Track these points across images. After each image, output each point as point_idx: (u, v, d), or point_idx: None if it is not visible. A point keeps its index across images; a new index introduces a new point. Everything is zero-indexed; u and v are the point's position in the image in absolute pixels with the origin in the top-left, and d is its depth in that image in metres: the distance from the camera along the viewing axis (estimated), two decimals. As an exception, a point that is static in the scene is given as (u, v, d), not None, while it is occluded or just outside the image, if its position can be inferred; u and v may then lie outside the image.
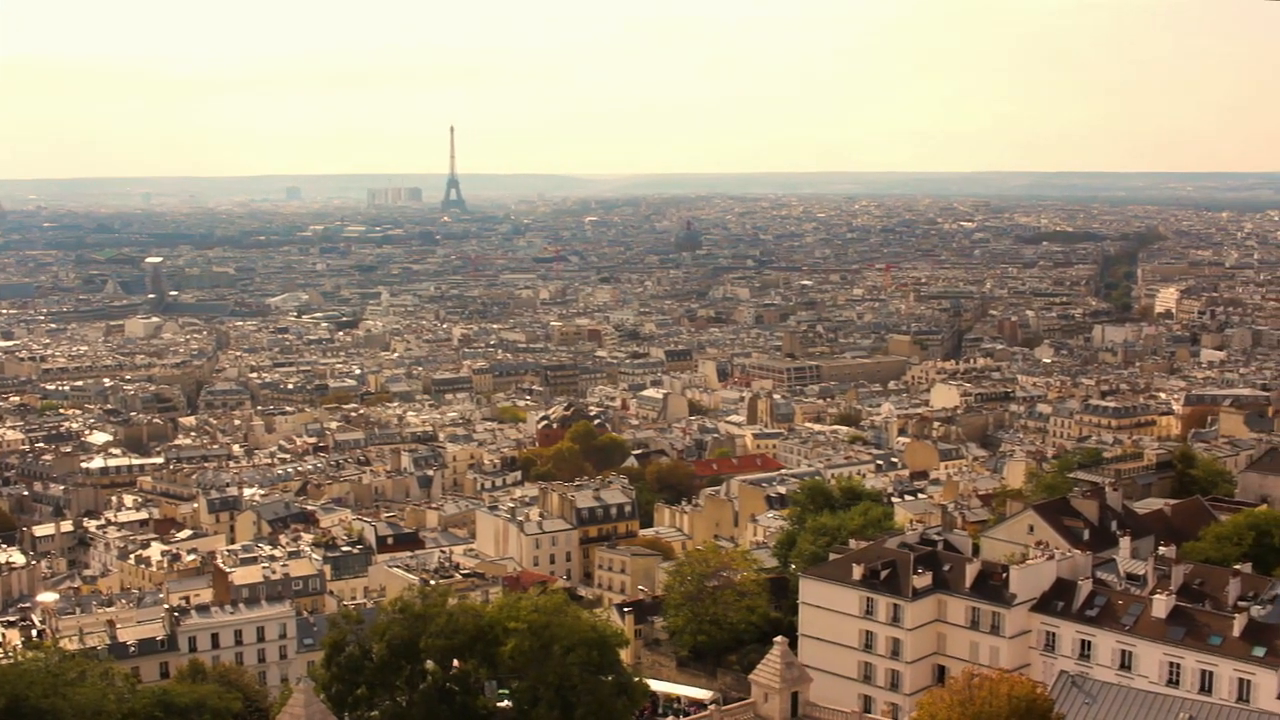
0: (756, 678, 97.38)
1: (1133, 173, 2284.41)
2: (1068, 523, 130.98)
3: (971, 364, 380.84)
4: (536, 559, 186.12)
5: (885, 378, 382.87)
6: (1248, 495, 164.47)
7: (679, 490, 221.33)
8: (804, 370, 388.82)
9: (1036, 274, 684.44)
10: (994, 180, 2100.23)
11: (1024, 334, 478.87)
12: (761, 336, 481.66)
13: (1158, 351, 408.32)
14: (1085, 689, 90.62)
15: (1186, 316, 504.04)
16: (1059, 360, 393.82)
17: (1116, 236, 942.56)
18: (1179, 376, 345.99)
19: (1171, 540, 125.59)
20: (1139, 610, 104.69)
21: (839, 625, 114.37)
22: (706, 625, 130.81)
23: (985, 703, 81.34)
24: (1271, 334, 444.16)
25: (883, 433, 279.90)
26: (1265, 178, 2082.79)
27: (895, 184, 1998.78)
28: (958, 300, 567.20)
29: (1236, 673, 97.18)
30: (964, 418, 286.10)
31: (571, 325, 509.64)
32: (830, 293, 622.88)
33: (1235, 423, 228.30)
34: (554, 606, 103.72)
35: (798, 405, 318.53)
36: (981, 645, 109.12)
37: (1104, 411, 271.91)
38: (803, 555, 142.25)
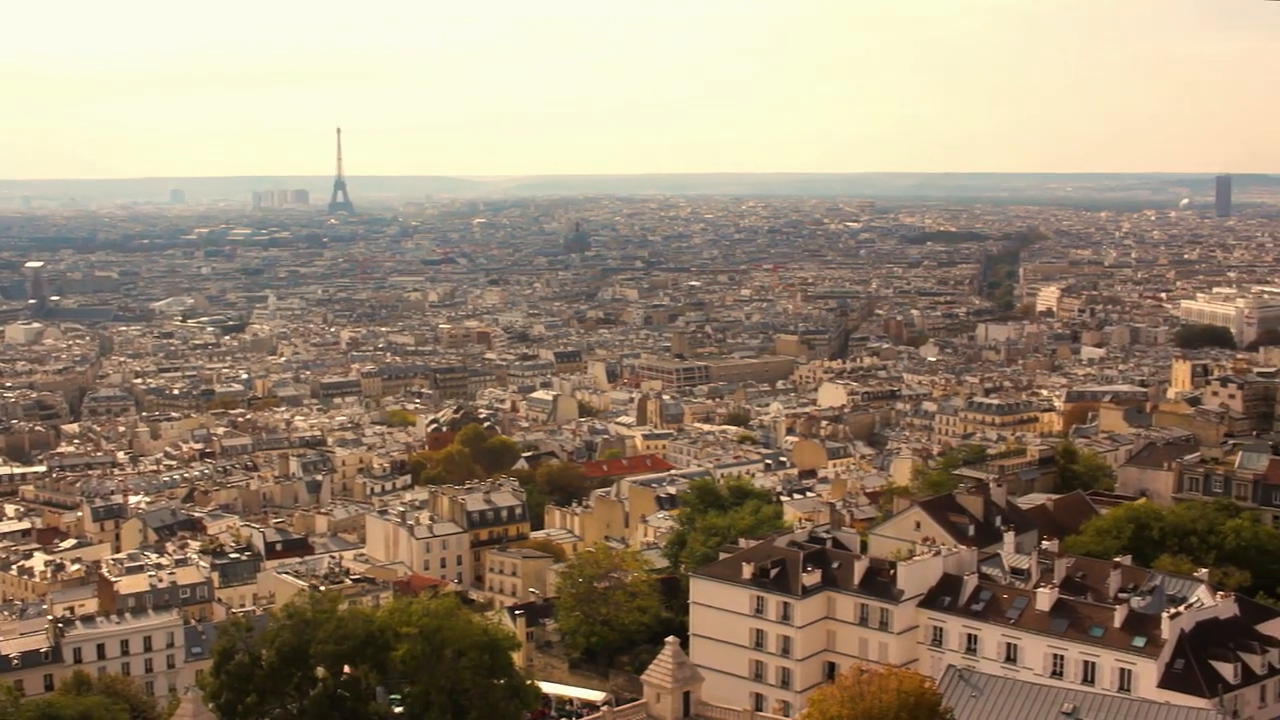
0: (649, 678, 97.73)
1: (1014, 173, 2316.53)
2: (953, 519, 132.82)
3: (858, 363, 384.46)
4: (427, 563, 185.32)
5: (773, 377, 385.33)
6: (1127, 489, 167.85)
7: (569, 492, 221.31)
8: (693, 371, 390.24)
9: (921, 273, 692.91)
10: (879, 181, 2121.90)
11: (909, 333, 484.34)
12: (650, 337, 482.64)
13: (1039, 349, 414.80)
14: (972, 682, 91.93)
15: (1067, 314, 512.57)
16: (944, 359, 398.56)
17: (999, 236, 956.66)
18: (1060, 374, 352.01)
19: (1054, 534, 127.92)
20: (1023, 604, 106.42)
21: (730, 624, 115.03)
22: (598, 626, 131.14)
23: (875, 698, 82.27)
24: (1149, 331, 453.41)
25: (771, 432, 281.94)
26: (1142, 178, 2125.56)
27: (782, 185, 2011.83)
28: (844, 300, 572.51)
29: (1118, 663, 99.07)
30: (851, 416, 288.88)
31: (460, 328, 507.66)
32: (718, 293, 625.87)
33: (1115, 418, 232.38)
34: (445, 610, 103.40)
35: (687, 406, 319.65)
36: (870, 641, 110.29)
37: (988, 409, 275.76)
38: (693, 555, 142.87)
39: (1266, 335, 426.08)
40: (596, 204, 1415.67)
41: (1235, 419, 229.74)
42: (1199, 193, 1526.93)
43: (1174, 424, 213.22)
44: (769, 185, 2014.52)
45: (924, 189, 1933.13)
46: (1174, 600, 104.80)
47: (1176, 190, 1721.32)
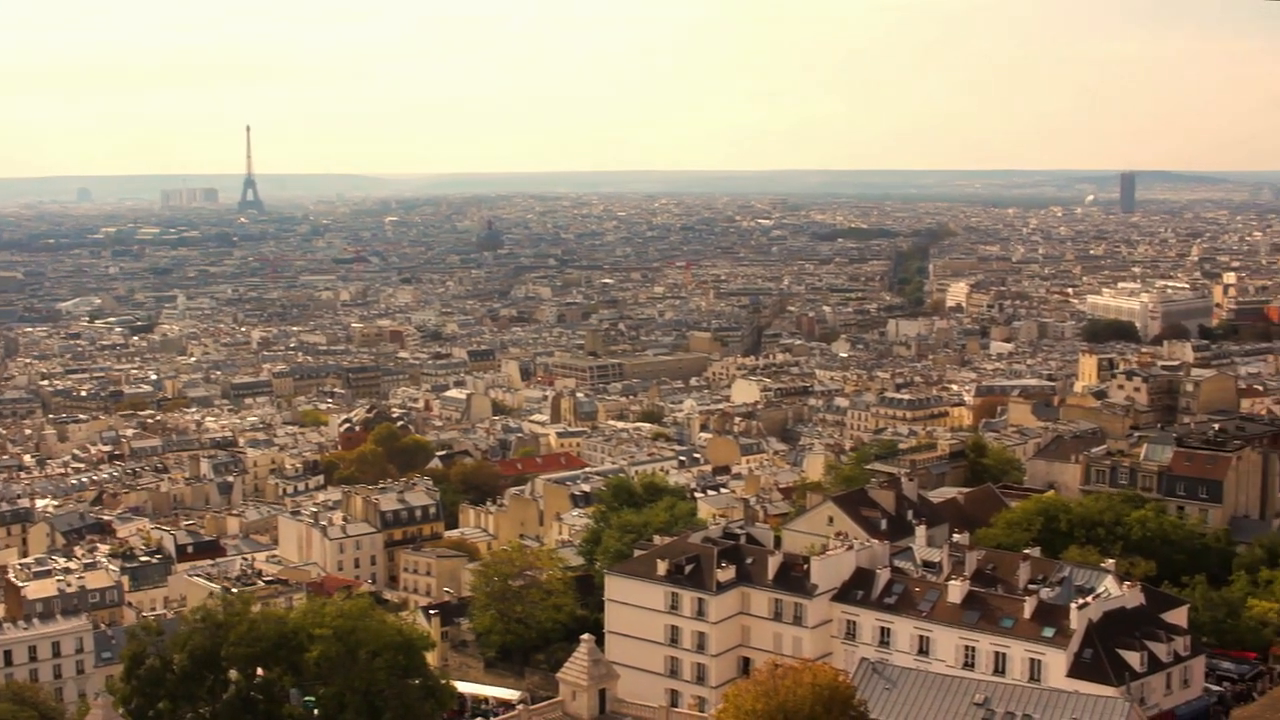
0: (564, 676, 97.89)
1: (923, 171, 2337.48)
2: (866, 513, 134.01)
3: (771, 360, 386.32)
4: (341, 563, 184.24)
5: (686, 374, 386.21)
6: (1036, 482, 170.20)
7: (484, 491, 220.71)
8: (606, 368, 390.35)
9: (833, 270, 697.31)
10: (790, 178, 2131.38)
11: (821, 329, 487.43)
12: (564, 335, 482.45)
13: (949, 345, 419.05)
14: (885, 675, 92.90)
15: (976, 310, 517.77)
16: (855, 355, 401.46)
17: (909, 233, 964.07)
18: (970, 368, 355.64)
19: (965, 527, 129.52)
20: (935, 596, 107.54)
21: (645, 621, 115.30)
22: (513, 625, 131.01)
23: (789, 692, 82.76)
24: (1056, 326, 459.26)
25: (685, 429, 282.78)
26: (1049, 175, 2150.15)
27: (694, 182, 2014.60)
28: (756, 297, 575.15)
29: (1028, 653, 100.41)
30: (764, 413, 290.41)
31: (373, 327, 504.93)
32: (631, 291, 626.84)
33: (1023, 412, 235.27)
34: (359, 611, 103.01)
35: (601, 403, 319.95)
36: (785, 636, 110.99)
37: (899, 404, 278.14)
38: (608, 552, 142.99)
39: (1170, 329, 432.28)
40: (509, 202, 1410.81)
41: (1140, 412, 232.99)
42: (1104, 189, 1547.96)
43: (1081, 417, 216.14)
44: (681, 183, 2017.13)
45: (834, 186, 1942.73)
46: (1082, 591, 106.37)
47: (1082, 187, 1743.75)
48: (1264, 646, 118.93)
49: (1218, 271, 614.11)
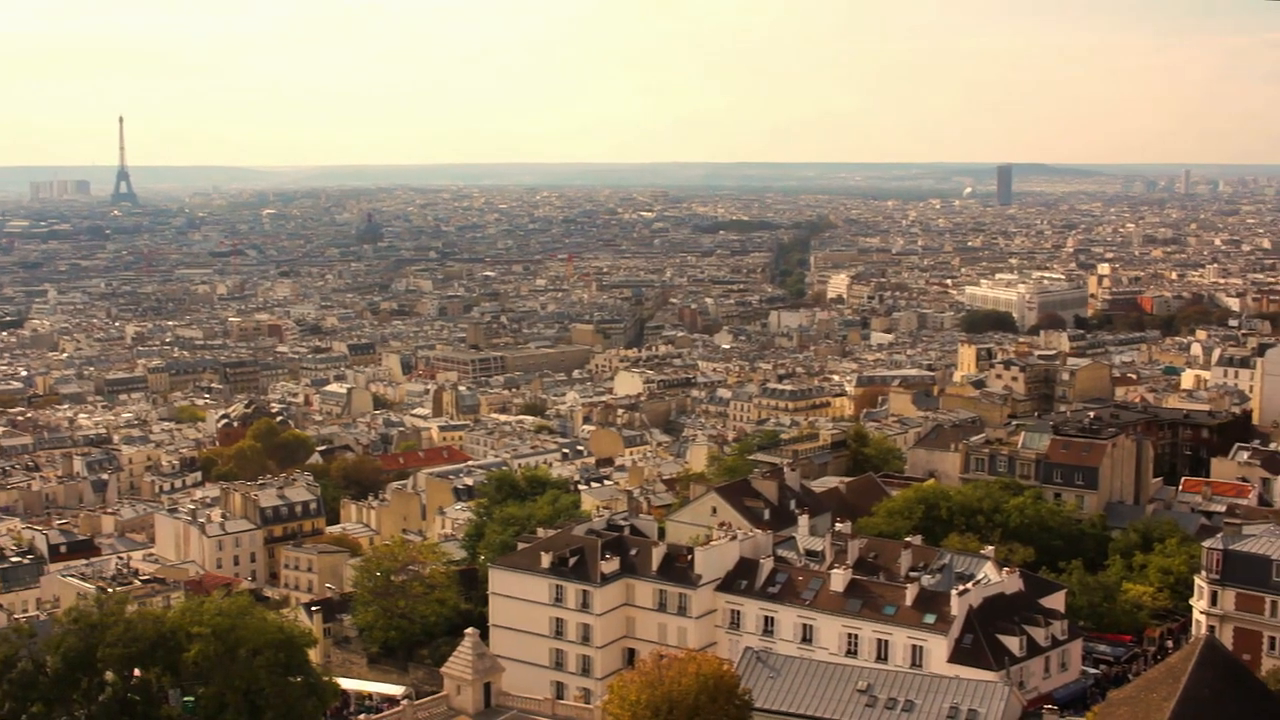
0: (449, 670, 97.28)
1: (804, 163, 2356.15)
2: (749, 503, 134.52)
3: (653, 351, 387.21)
4: (220, 561, 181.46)
5: (569, 367, 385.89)
6: (916, 471, 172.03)
7: (365, 485, 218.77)
8: (488, 361, 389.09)
9: (715, 262, 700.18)
10: (671, 171, 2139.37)
11: (703, 321, 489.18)
12: (445, 328, 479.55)
13: (830, 335, 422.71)
14: (769, 663, 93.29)
15: (857, 301, 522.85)
16: (737, 346, 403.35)
17: (790, 225, 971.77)
18: (851, 359, 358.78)
19: (847, 516, 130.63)
20: (818, 585, 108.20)
21: (529, 614, 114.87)
22: (396, 620, 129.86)
23: (674, 682, 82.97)
24: (936, 317, 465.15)
25: (568, 421, 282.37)
26: (927, 168, 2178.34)
27: (576, 175, 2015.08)
28: (639, 289, 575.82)
29: (910, 640, 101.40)
30: (647, 404, 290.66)
31: (251, 321, 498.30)
32: (513, 283, 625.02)
33: (904, 402, 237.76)
34: (239, 609, 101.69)
35: (483, 396, 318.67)
36: (669, 626, 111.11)
37: (781, 394, 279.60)
38: (491, 546, 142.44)
39: (1047, 319, 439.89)
40: (389, 194, 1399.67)
41: (1018, 400, 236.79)
42: (981, 182, 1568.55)
43: (960, 406, 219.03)
44: (562, 175, 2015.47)
45: (716, 179, 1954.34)
46: (962, 577, 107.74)
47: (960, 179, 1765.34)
48: (1139, 629, 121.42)
49: (1092, 263, 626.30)
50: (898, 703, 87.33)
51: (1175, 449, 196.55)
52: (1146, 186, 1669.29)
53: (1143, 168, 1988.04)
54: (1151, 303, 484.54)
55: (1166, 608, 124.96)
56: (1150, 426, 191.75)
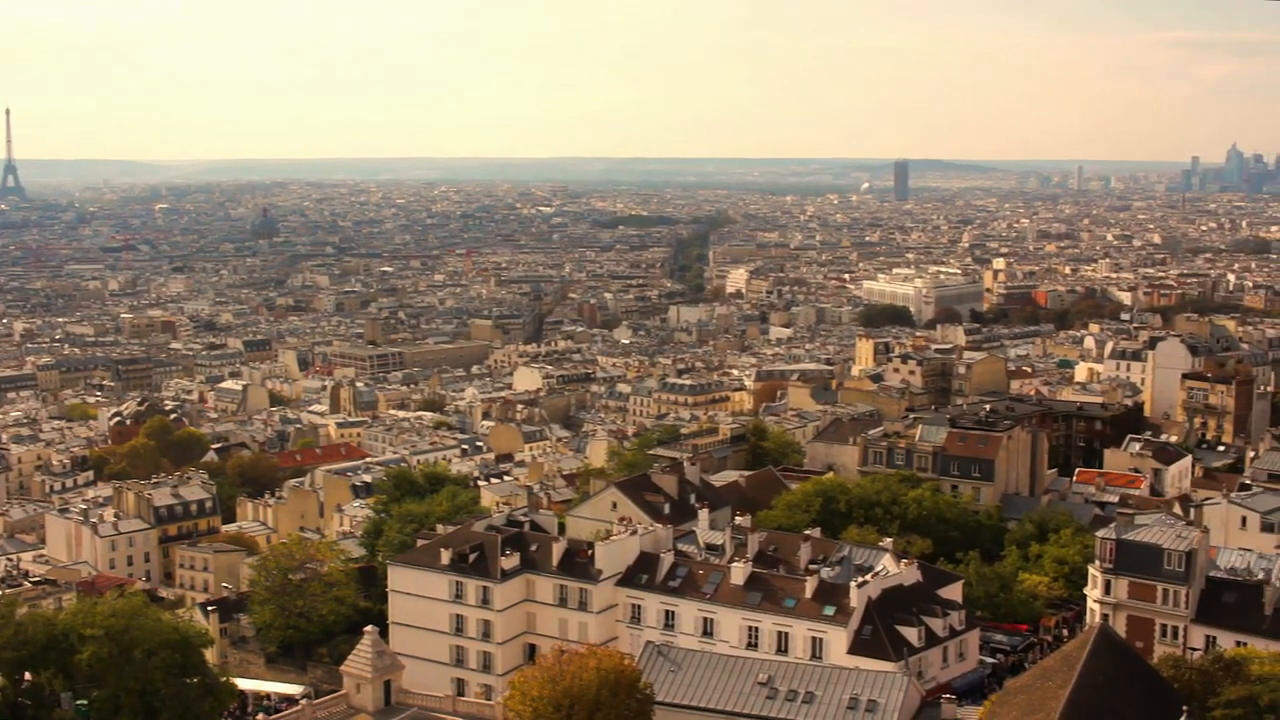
0: (348, 669, 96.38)
1: (703, 159, 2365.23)
2: (649, 498, 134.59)
3: (552, 347, 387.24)
4: (113, 561, 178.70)
5: (468, 362, 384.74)
6: (815, 464, 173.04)
7: (262, 483, 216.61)
8: (386, 357, 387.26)
9: (614, 257, 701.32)
10: (570, 166, 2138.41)
11: (603, 316, 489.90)
12: (342, 324, 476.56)
13: (729, 330, 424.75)
14: (670, 657, 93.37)
15: (756, 296, 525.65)
16: (637, 341, 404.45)
17: (689, 220, 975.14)
18: (750, 353, 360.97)
19: (747, 510, 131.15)
20: (719, 579, 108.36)
21: (429, 611, 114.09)
22: (294, 619, 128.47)
23: (575, 678, 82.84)
24: (834, 311, 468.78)
25: (467, 417, 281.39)
26: (825, 163, 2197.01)
27: (474, 169, 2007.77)
28: (538, 284, 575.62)
29: (810, 632, 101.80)
30: (546, 400, 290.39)
31: (143, 317, 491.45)
32: (411, 279, 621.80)
33: (802, 396, 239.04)
34: (133, 610, 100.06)
35: (381, 392, 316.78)
36: (570, 622, 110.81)
37: (680, 389, 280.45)
38: (390, 543, 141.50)
39: (943, 314, 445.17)
40: (284, 189, 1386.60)
41: (915, 394, 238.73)
42: (878, 177, 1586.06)
43: (858, 400, 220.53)
44: (461, 170, 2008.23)
45: (614, 174, 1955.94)
46: (861, 569, 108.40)
47: (857, 175, 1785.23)
48: (1035, 619, 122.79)
49: (988, 257, 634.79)
50: (798, 694, 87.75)
51: (1069, 441, 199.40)
52: (1040, 182, 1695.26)
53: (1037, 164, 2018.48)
54: (1045, 297, 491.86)
55: (1061, 597, 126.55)
56: (1045, 419, 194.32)
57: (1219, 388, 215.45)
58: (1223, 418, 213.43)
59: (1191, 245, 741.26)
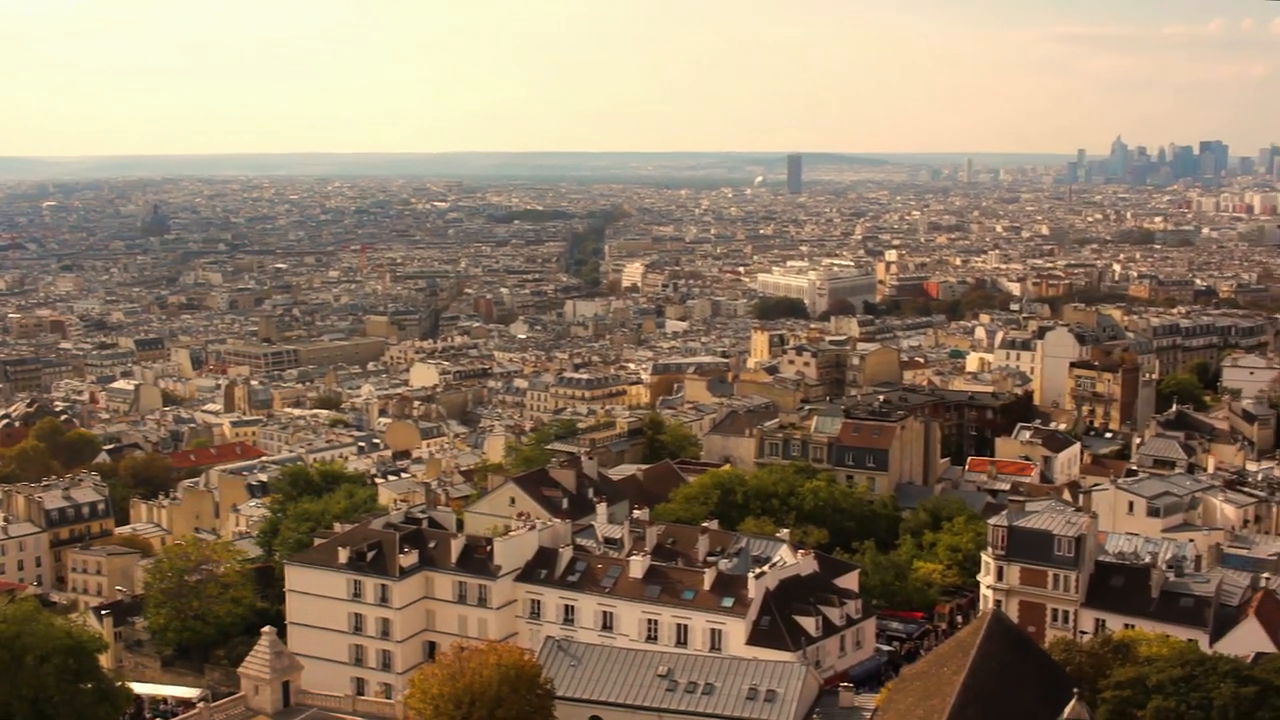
0: (246, 670, 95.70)
1: (597, 153, 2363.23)
2: (547, 493, 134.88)
3: (449, 342, 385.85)
4: (3, 566, 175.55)
5: (364, 359, 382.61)
6: (712, 456, 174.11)
7: (155, 484, 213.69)
8: (281, 355, 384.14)
9: (509, 252, 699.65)
10: (465, 161, 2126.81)
11: (499, 311, 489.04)
12: (236, 322, 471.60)
13: (626, 324, 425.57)
14: (570, 652, 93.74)
15: (651, 290, 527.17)
16: (533, 336, 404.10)
17: (584, 214, 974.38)
18: (646, 347, 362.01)
19: (645, 503, 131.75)
20: (617, 572, 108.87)
21: (327, 610, 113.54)
22: (190, 621, 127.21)
23: (475, 674, 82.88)
24: (729, 304, 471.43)
25: (363, 414, 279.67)
26: (719, 157, 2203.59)
27: (368, 165, 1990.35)
28: (433, 280, 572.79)
29: (709, 624, 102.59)
30: (443, 396, 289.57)
31: (31, 317, 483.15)
32: (305, 276, 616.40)
33: (699, 388, 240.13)
34: (24, 615, 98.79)
35: (276, 391, 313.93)
36: (470, 618, 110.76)
37: (577, 384, 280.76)
38: (287, 543, 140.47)
39: (837, 305, 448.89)
40: (176, 185, 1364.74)
41: (810, 385, 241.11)
42: (772, 171, 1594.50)
43: (754, 392, 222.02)
44: (355, 165, 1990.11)
45: (509, 168, 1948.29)
46: (759, 561, 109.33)
47: (751, 169, 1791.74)
48: (929, 606, 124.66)
49: (880, 249, 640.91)
50: (698, 686, 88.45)
51: (961, 430, 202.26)
52: (931, 175, 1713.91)
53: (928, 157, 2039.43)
54: (937, 288, 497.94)
55: (955, 584, 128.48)
56: (937, 409, 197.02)
57: (1106, 376, 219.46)
58: (1110, 405, 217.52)
59: (1078, 236, 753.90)
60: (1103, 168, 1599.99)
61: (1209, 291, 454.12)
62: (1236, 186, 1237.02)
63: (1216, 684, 77.03)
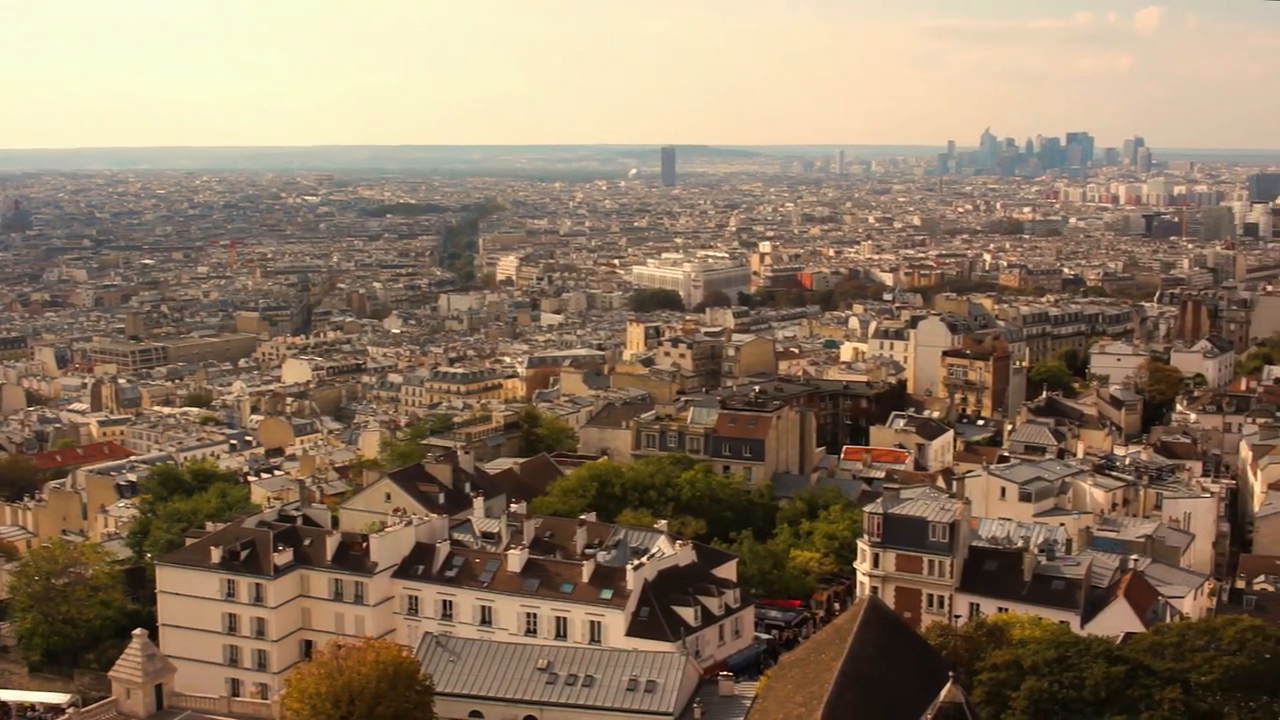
0: (117, 674, 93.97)
1: (471, 146, 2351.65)
2: (423, 488, 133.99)
3: (322, 338, 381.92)
4: None
5: (235, 356, 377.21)
6: (589, 449, 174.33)
7: (20, 486, 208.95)
8: (150, 352, 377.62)
9: (382, 246, 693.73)
10: (336, 154, 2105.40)
11: (372, 306, 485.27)
12: (102, 319, 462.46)
13: (500, 317, 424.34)
14: (449, 647, 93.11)
15: (526, 283, 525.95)
16: (408, 330, 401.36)
17: (458, 208, 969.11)
18: (522, 340, 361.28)
19: (522, 497, 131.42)
20: (495, 567, 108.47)
21: (201, 611, 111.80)
22: (59, 625, 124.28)
23: (353, 672, 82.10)
24: (604, 297, 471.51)
25: (235, 412, 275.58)
26: (593, 150, 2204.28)
27: (237, 159, 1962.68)
28: (305, 275, 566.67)
29: (588, 616, 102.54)
30: (317, 392, 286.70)
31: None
32: (174, 271, 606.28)
33: (575, 381, 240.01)
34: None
35: (145, 389, 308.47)
36: (346, 615, 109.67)
37: (453, 378, 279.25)
38: (158, 543, 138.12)
39: (712, 297, 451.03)
40: (37, 180, 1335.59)
41: (686, 377, 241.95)
42: (646, 163, 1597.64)
43: (630, 384, 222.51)
44: (223, 159, 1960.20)
45: (381, 162, 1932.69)
46: (637, 552, 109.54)
47: (625, 161, 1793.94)
48: (807, 594, 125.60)
49: (754, 241, 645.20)
50: (578, 678, 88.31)
51: (836, 419, 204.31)
52: (804, 167, 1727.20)
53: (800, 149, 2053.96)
54: (811, 279, 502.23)
55: (832, 572, 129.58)
56: (812, 398, 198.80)
57: (977, 364, 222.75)
58: (981, 393, 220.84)
59: (949, 227, 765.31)
60: (972, 159, 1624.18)
61: (1076, 280, 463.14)
62: (1102, 177, 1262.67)
63: (1088, 664, 78.40)
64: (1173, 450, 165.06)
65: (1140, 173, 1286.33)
